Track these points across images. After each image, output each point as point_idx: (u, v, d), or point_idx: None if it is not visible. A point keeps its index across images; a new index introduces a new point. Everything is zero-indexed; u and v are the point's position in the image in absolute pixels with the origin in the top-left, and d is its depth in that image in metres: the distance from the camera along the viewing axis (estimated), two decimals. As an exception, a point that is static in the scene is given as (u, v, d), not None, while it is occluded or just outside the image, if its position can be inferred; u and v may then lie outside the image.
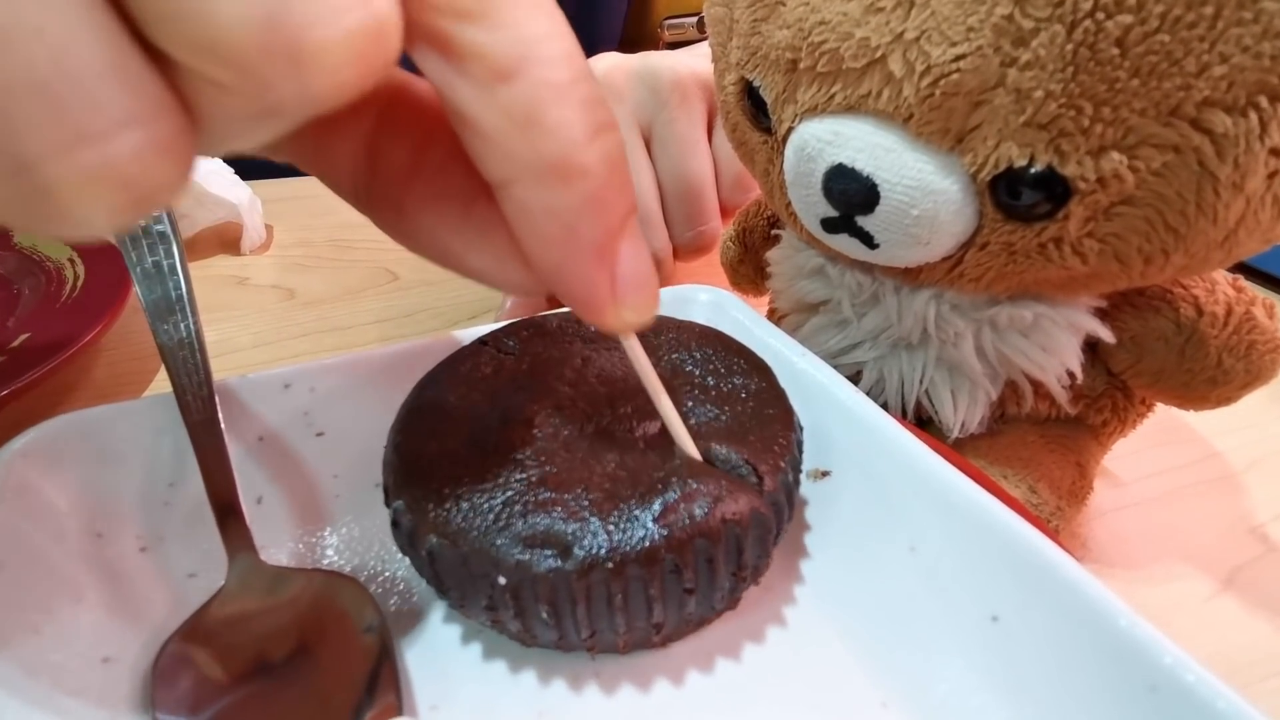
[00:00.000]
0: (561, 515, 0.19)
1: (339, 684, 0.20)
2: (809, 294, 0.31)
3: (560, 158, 0.15)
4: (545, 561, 0.19)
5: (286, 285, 0.49)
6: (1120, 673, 0.18)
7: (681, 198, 0.40)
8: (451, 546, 0.19)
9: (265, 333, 0.43)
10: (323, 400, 0.27)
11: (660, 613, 0.20)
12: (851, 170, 0.23)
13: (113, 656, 0.21)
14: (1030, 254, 0.23)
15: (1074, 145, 0.20)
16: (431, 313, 0.46)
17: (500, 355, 0.26)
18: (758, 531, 0.21)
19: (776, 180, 0.28)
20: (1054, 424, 0.30)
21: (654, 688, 0.22)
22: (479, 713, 0.21)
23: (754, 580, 0.23)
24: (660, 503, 0.20)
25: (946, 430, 0.29)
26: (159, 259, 0.27)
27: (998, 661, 0.21)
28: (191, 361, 0.25)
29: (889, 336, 0.29)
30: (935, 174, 0.22)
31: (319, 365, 0.27)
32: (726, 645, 0.23)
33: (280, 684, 0.20)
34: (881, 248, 0.25)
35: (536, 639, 0.21)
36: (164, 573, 0.23)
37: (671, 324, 0.28)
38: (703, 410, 0.23)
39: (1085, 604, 0.19)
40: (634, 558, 0.19)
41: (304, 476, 0.27)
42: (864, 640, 0.23)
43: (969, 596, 0.22)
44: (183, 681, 0.20)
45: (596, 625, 0.20)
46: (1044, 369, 0.27)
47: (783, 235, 0.33)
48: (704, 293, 0.33)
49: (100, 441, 0.24)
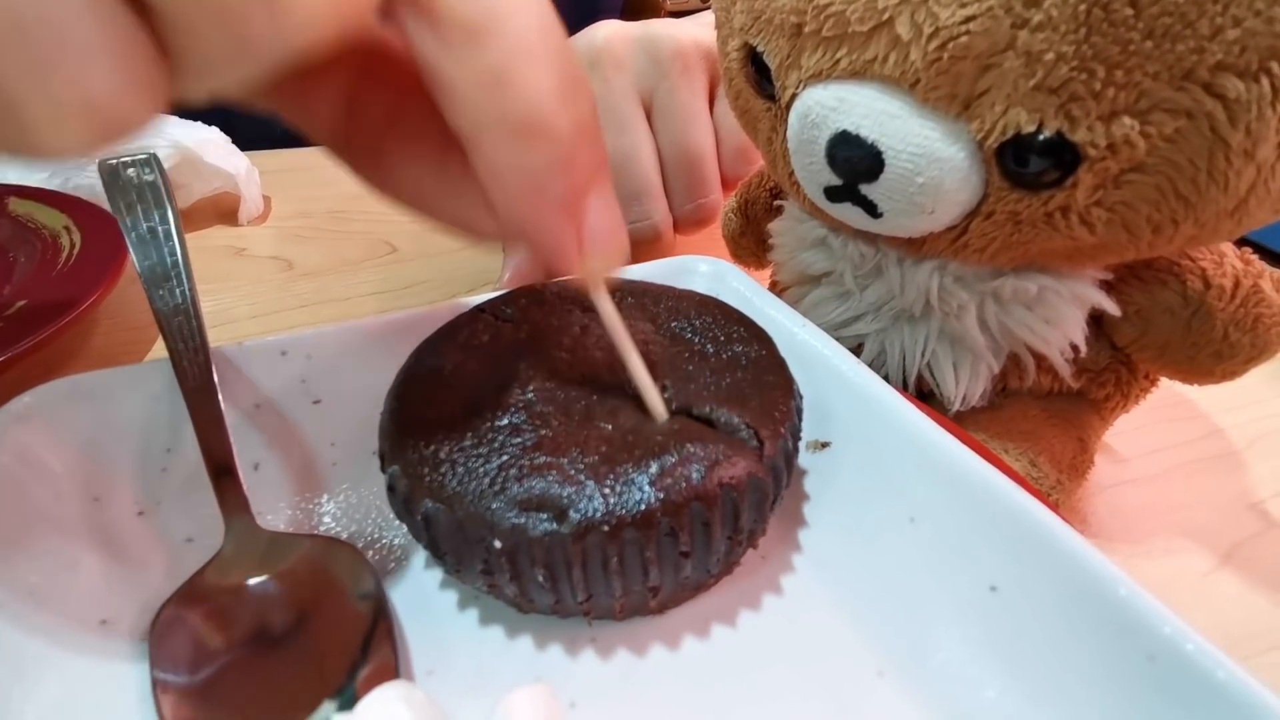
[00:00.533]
0: (557, 479, 0.19)
1: (334, 647, 0.20)
2: (811, 265, 0.31)
3: (529, 118, 0.15)
4: (540, 525, 0.19)
5: (285, 256, 0.48)
6: (1119, 643, 0.18)
7: (682, 169, 0.40)
8: (447, 511, 0.19)
9: (263, 303, 0.43)
10: (320, 368, 0.27)
11: (656, 576, 0.20)
12: (856, 137, 0.23)
13: (110, 619, 0.21)
14: (1036, 224, 0.23)
15: (1085, 110, 0.20)
16: (429, 285, 0.46)
17: (498, 323, 0.25)
18: (755, 496, 0.21)
19: (780, 149, 0.27)
20: (1056, 398, 0.30)
21: (650, 653, 0.22)
22: (475, 677, 0.21)
23: (750, 545, 0.23)
24: (657, 466, 0.20)
25: (947, 403, 0.29)
26: (154, 224, 0.26)
27: (995, 631, 0.21)
28: (187, 328, 0.25)
29: (891, 309, 0.29)
30: (941, 141, 0.22)
31: (315, 333, 0.27)
32: (723, 612, 0.23)
33: (276, 647, 0.20)
34: (885, 217, 0.24)
35: (533, 604, 0.21)
36: (161, 537, 0.23)
37: (671, 292, 0.27)
38: (702, 376, 0.23)
39: (1085, 574, 0.19)
40: (630, 521, 0.19)
41: (301, 444, 0.26)
42: (861, 609, 0.23)
43: (968, 567, 0.22)
44: (180, 643, 0.20)
45: (592, 589, 0.20)
46: (1047, 342, 0.27)
47: (785, 206, 0.33)
48: (704, 263, 0.33)
49: (97, 406, 0.24)
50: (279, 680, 0.19)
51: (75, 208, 0.42)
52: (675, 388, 0.23)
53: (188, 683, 0.19)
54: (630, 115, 0.39)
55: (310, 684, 0.19)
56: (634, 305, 0.27)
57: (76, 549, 0.22)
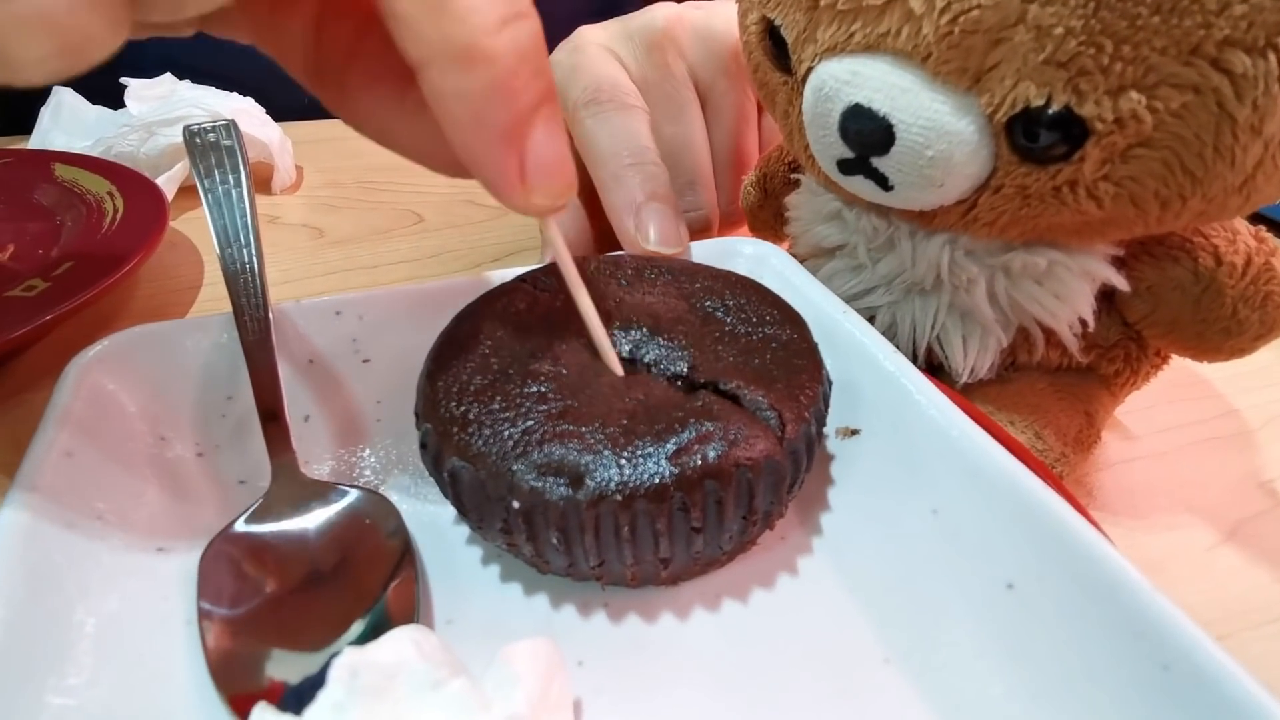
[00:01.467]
0: (577, 447, 0.20)
1: (361, 591, 0.22)
2: (826, 238, 0.31)
3: (467, 43, 0.16)
4: (557, 489, 0.20)
5: (315, 224, 0.50)
6: (1133, 649, 0.18)
7: (730, 169, 0.40)
8: (471, 469, 0.20)
9: (293, 270, 0.44)
10: (371, 329, 0.28)
11: (667, 548, 0.21)
12: (868, 110, 0.23)
13: (166, 548, 0.22)
14: (1045, 198, 0.23)
15: (1093, 84, 0.20)
16: (455, 254, 0.47)
17: (536, 292, 0.26)
18: (771, 478, 0.21)
19: (795, 122, 0.28)
20: (1065, 373, 0.30)
21: (660, 621, 0.23)
22: (491, 629, 0.22)
23: (767, 526, 0.23)
24: (674, 442, 0.20)
25: (956, 375, 0.29)
26: (229, 187, 0.28)
27: (1008, 629, 0.20)
28: (252, 285, 0.26)
29: (903, 281, 0.29)
30: (951, 114, 0.22)
31: (368, 295, 0.28)
32: (735, 588, 0.24)
33: (309, 586, 0.22)
34: (896, 190, 0.25)
35: (549, 565, 0.22)
36: (216, 478, 0.25)
37: (707, 272, 0.28)
38: (730, 356, 0.23)
39: (1105, 577, 0.19)
40: (642, 493, 0.19)
41: (349, 399, 0.28)
42: (874, 596, 0.23)
43: (986, 562, 0.21)
44: (225, 575, 0.21)
45: (605, 555, 0.21)
46: (1056, 316, 0.27)
47: (802, 180, 0.33)
48: (748, 245, 0.33)
49: (165, 353, 0.25)
50: (308, 616, 0.21)
51: (118, 174, 0.44)
52: (702, 364, 0.23)
53: (228, 613, 0.21)
54: (686, 103, 0.39)
55: (335, 624, 0.21)
56: (669, 282, 0.27)
57: (141, 483, 0.23)
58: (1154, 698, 0.17)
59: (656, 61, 0.38)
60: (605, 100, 0.36)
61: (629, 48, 0.39)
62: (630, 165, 0.34)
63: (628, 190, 0.33)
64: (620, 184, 0.34)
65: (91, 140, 0.50)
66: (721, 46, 0.39)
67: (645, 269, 0.28)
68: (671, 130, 0.38)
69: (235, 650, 0.20)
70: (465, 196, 0.53)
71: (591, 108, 0.36)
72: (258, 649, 0.20)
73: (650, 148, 0.35)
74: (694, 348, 0.24)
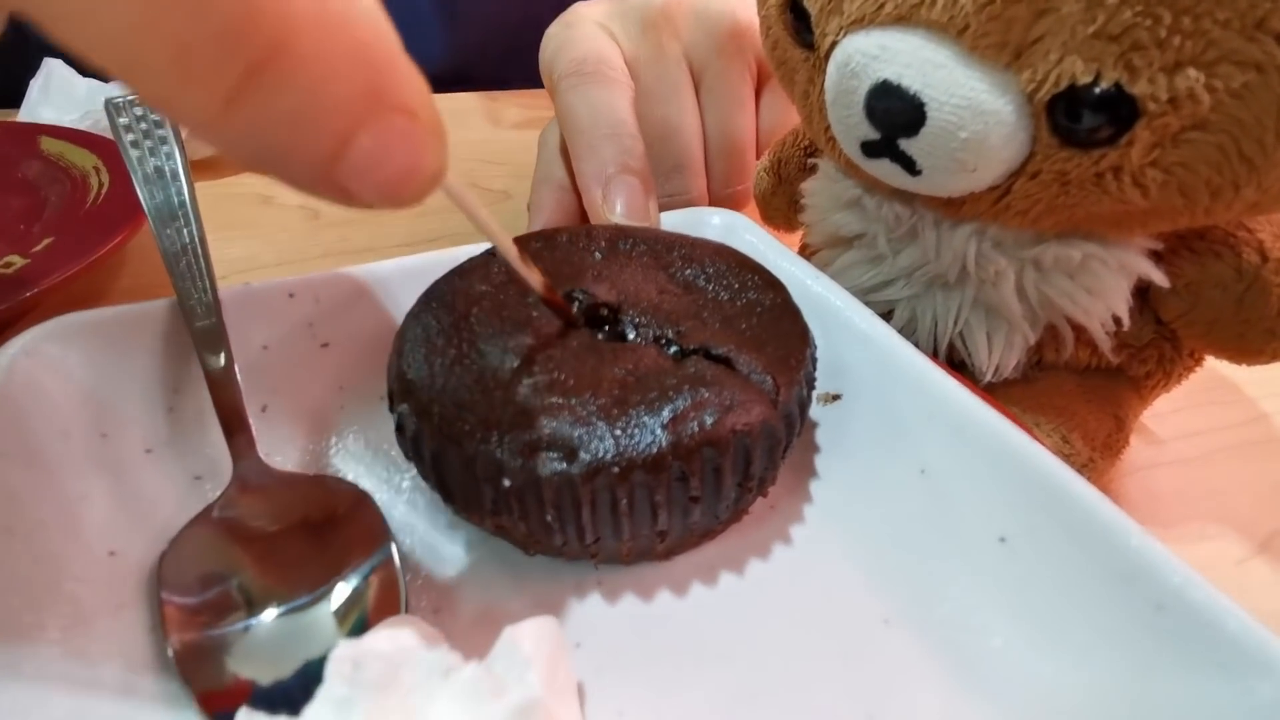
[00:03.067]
0: (568, 419, 0.19)
1: (341, 575, 0.20)
2: (843, 227, 0.30)
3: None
4: (551, 464, 0.19)
5: (311, 205, 0.48)
6: (1126, 592, 0.18)
7: (723, 153, 0.39)
8: (456, 449, 0.19)
9: (288, 251, 0.43)
10: (328, 311, 0.27)
11: (665, 520, 0.20)
12: (897, 88, 0.22)
13: (119, 550, 0.21)
14: (1085, 185, 0.22)
15: (1146, 60, 0.18)
16: (455, 238, 0.45)
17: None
18: (767, 443, 0.21)
19: (816, 102, 0.26)
20: (1094, 373, 0.29)
21: (657, 598, 0.22)
22: (482, 616, 0.21)
23: (760, 492, 0.23)
24: (669, 410, 0.20)
25: (979, 374, 0.28)
26: (160, 164, 0.26)
27: (1003, 581, 0.21)
28: (195, 267, 0.25)
29: (925, 274, 0.28)
30: (988, 93, 0.21)
31: (323, 276, 0.27)
32: (730, 559, 0.23)
33: (283, 577, 0.20)
34: (924, 174, 0.23)
35: (540, 545, 0.21)
36: (170, 475, 0.24)
37: (684, 240, 0.27)
38: (717, 322, 0.23)
39: (1094, 523, 0.19)
40: (640, 463, 0.19)
41: (309, 387, 0.26)
42: (869, 559, 0.23)
43: (978, 517, 0.22)
44: (189, 571, 0.20)
45: (601, 531, 0.20)
46: (1088, 313, 0.26)
47: (819, 165, 0.32)
48: (716, 215, 0.32)
49: (105, 343, 0.24)
50: (282, 609, 0.20)
51: (104, 149, 0.42)
52: (690, 331, 0.22)
53: (194, 607, 0.19)
54: (679, 85, 0.38)
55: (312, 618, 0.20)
56: (645, 252, 0.26)
57: (85, 484, 0.22)
58: (1150, 638, 0.18)
59: (651, 41, 0.38)
60: (588, 73, 0.35)
61: (624, 25, 0.38)
62: (605, 136, 0.34)
63: (599, 161, 0.33)
64: (593, 154, 0.33)
65: (80, 113, 0.49)
66: (718, 27, 0.38)
67: (619, 240, 0.27)
68: (662, 112, 0.37)
69: (202, 644, 0.19)
70: (465, 179, 0.52)
71: (573, 79, 0.35)
72: (226, 644, 0.19)
73: (628, 121, 0.35)
74: (680, 315, 0.23)
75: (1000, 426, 0.22)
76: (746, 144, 0.39)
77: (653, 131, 0.36)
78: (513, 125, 0.64)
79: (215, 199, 0.47)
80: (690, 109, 0.38)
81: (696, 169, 0.39)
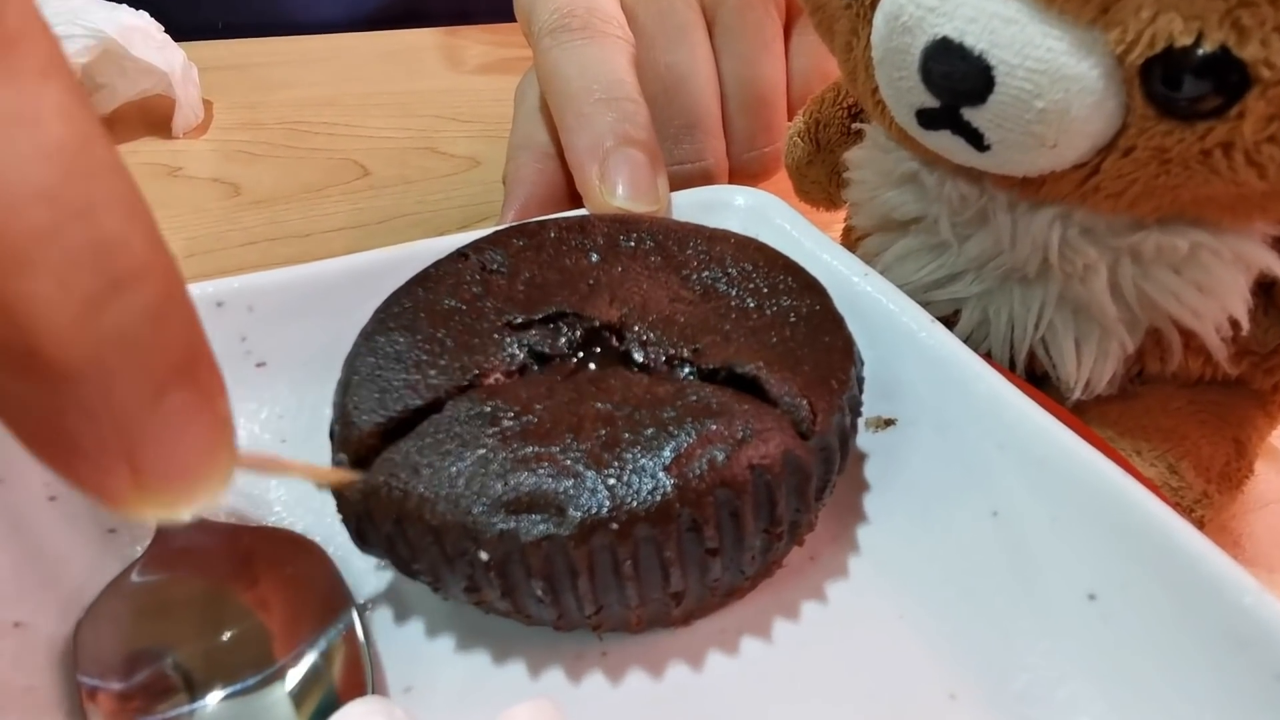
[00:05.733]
0: (550, 471, 0.20)
1: (291, 659, 0.21)
2: (897, 208, 0.31)
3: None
4: (535, 528, 0.20)
5: (229, 179, 0.50)
6: (1241, 659, 0.19)
7: (745, 108, 0.40)
8: (416, 522, 0.20)
9: (202, 239, 0.44)
10: (265, 323, 0.28)
11: (679, 580, 0.21)
12: (959, 47, 0.23)
13: (25, 621, 0.22)
14: (1190, 164, 0.23)
15: (1258, 19, 0.20)
16: (411, 219, 0.47)
17: (485, 273, 0.26)
18: (793, 479, 0.21)
19: (861, 58, 0.27)
20: (1208, 388, 0.30)
21: (671, 672, 0.23)
22: (463, 696, 0.22)
23: (794, 541, 0.24)
24: (671, 447, 0.20)
25: (1065, 390, 0.29)
26: None
27: (1093, 647, 0.22)
28: None
29: (998, 267, 0.29)
30: (1069, 54, 0.22)
31: (259, 280, 0.28)
32: (760, 624, 0.24)
33: (225, 651, 0.21)
34: (993, 150, 0.25)
35: (531, 618, 0.22)
36: (78, 526, 0.25)
37: (702, 233, 0.28)
38: (741, 335, 0.24)
39: (1202, 579, 0.20)
40: (642, 515, 0.20)
41: (242, 416, 0.27)
42: (929, 621, 0.24)
43: (1061, 571, 0.22)
44: (111, 647, 0.21)
45: (603, 600, 0.21)
46: (1199, 315, 0.27)
47: (867, 131, 0.33)
48: (740, 195, 0.33)
49: None
50: (227, 690, 0.21)
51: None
52: (710, 349, 0.23)
53: (120, 691, 0.20)
54: (687, 25, 0.39)
55: (263, 700, 0.21)
56: (653, 249, 0.27)
57: None
58: (1270, 715, 0.18)
59: None
60: (577, 27, 0.36)
61: None
62: (600, 101, 0.34)
63: (593, 132, 0.33)
64: (585, 124, 0.34)
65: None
66: None
67: (619, 233, 0.28)
68: (668, 59, 0.38)
69: None
70: (423, 142, 0.53)
71: (559, 35, 0.36)
72: None
73: (628, 81, 0.35)
74: (697, 329, 0.24)
75: (1090, 458, 0.22)
76: (774, 95, 0.40)
77: (657, 85, 0.37)
78: (478, 68, 0.65)
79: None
80: (703, 54, 0.39)
81: (712, 129, 0.39)
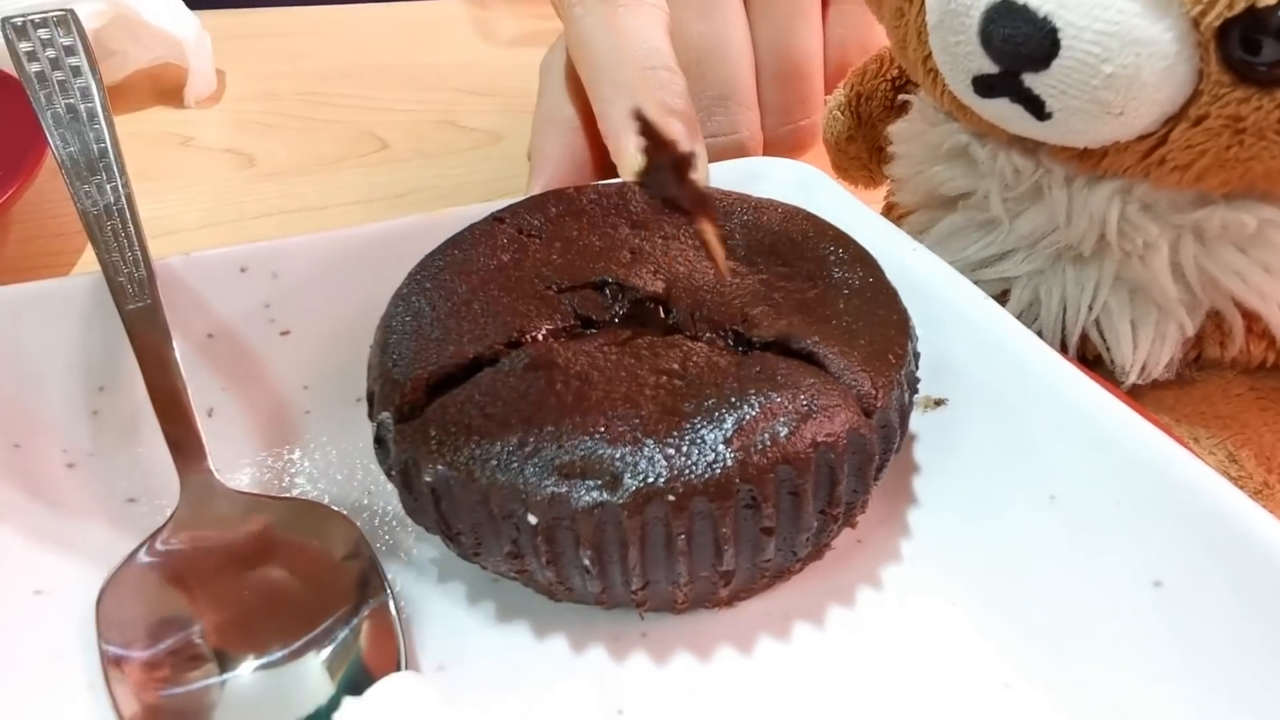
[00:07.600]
0: (605, 437, 0.20)
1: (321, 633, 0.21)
2: (945, 183, 0.31)
3: None
4: (588, 494, 0.19)
5: (243, 150, 0.49)
6: None
7: (781, 79, 0.40)
8: (464, 479, 0.20)
9: (215, 210, 0.44)
10: (289, 290, 0.27)
11: (731, 559, 0.21)
12: (1023, 8, 0.23)
13: (45, 588, 0.22)
14: (1265, 134, 0.22)
15: (1346, -22, 0.19)
16: (430, 192, 0.46)
17: (522, 237, 0.26)
18: (856, 460, 0.21)
19: (914, 24, 0.27)
20: (1270, 374, 0.29)
21: (716, 654, 0.23)
22: (498, 674, 0.22)
23: (846, 522, 0.24)
24: (733, 420, 0.20)
25: (1120, 373, 0.29)
26: (74, 102, 0.27)
27: (1158, 636, 0.21)
28: (123, 234, 0.25)
29: (1051, 244, 0.29)
30: (1141, 16, 0.22)
31: (284, 245, 0.28)
32: (808, 606, 0.24)
33: (250, 624, 0.21)
34: (1055, 118, 0.24)
35: (572, 591, 0.22)
36: (97, 494, 0.25)
37: (748, 202, 0.28)
38: (793, 308, 0.23)
39: (1272, 563, 0.19)
40: (701, 488, 0.19)
41: (266, 385, 0.27)
42: (984, 607, 0.24)
43: (1124, 557, 0.22)
44: (134, 616, 0.21)
45: (650, 574, 0.21)
46: (1265, 297, 0.27)
47: (912, 103, 0.33)
48: (780, 168, 0.33)
49: (12, 330, 0.25)
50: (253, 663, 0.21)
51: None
52: (761, 320, 0.23)
53: (144, 660, 0.20)
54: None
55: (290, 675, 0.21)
56: None
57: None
58: None
59: None
60: None
61: None
62: (635, 70, 0.34)
63: (629, 101, 0.33)
64: (619, 93, 0.34)
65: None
66: None
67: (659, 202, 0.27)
68: (701, 28, 0.38)
69: (161, 709, 0.20)
70: (442, 116, 0.53)
71: (590, 3, 0.36)
72: (193, 708, 0.20)
73: (663, 50, 0.35)
74: (747, 301, 0.24)
75: (1157, 440, 0.22)
76: (810, 65, 0.40)
77: (690, 54, 0.37)
78: (508, 42, 0.65)
79: (120, 141, 0.48)
80: (738, 22, 0.39)
81: (747, 99, 0.39)
